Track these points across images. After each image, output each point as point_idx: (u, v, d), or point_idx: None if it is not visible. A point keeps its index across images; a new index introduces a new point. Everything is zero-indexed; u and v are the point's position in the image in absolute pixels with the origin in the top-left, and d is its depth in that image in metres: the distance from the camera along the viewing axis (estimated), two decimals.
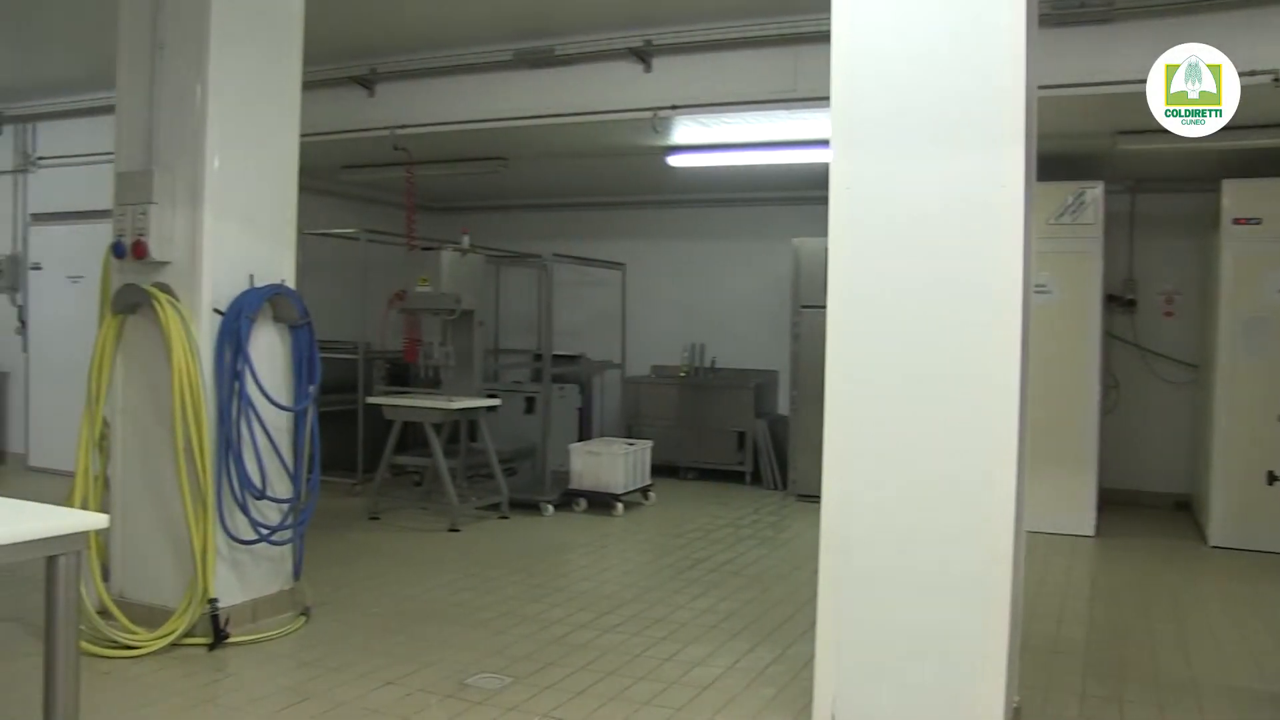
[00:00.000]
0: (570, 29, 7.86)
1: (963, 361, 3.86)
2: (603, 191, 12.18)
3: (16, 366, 10.90)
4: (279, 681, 4.79)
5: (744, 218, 11.76)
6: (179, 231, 5.30)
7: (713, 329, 11.69)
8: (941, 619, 3.89)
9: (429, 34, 8.14)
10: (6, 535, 2.59)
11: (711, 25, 7.43)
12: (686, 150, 9.22)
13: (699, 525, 8.63)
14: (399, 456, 8.92)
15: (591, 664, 5.05)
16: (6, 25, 8.46)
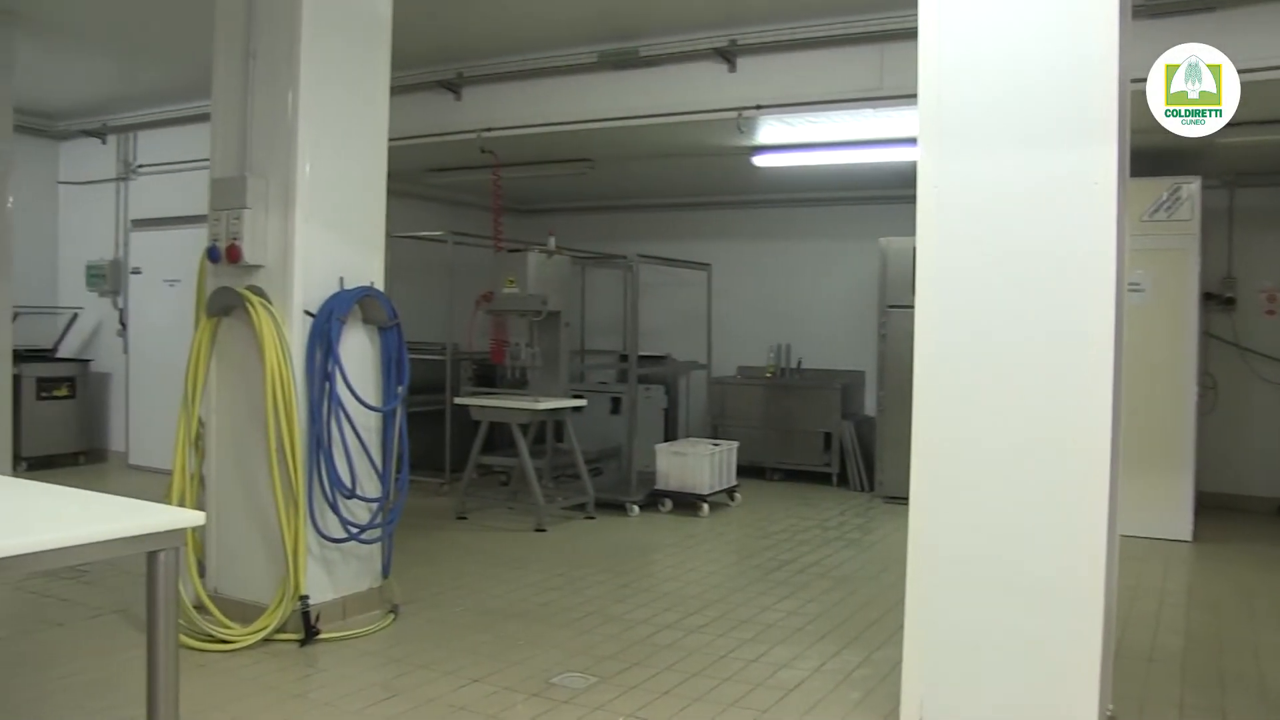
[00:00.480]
0: (654, 30, 7.87)
1: (1053, 362, 3.77)
2: (688, 192, 12.17)
3: (118, 367, 11.23)
4: (368, 678, 4.86)
5: (830, 217, 11.67)
6: (271, 236, 5.41)
7: (799, 329, 11.62)
8: (1032, 624, 3.80)
9: (514, 38, 8.21)
10: (110, 531, 2.66)
11: (796, 24, 7.39)
12: (771, 150, 9.17)
13: (785, 526, 8.57)
14: (486, 457, 9.00)
15: (677, 664, 5.05)
16: (111, 41, 8.76)
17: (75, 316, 11.56)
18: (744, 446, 9.95)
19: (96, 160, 11.56)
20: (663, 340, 11.69)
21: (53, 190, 11.85)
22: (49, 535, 2.54)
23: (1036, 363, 3.81)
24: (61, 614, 5.73)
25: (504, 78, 8.72)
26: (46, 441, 10.63)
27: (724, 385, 11.45)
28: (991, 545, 3.90)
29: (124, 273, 11.15)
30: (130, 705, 4.23)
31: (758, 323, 11.86)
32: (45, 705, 4.43)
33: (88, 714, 4.31)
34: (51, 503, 2.99)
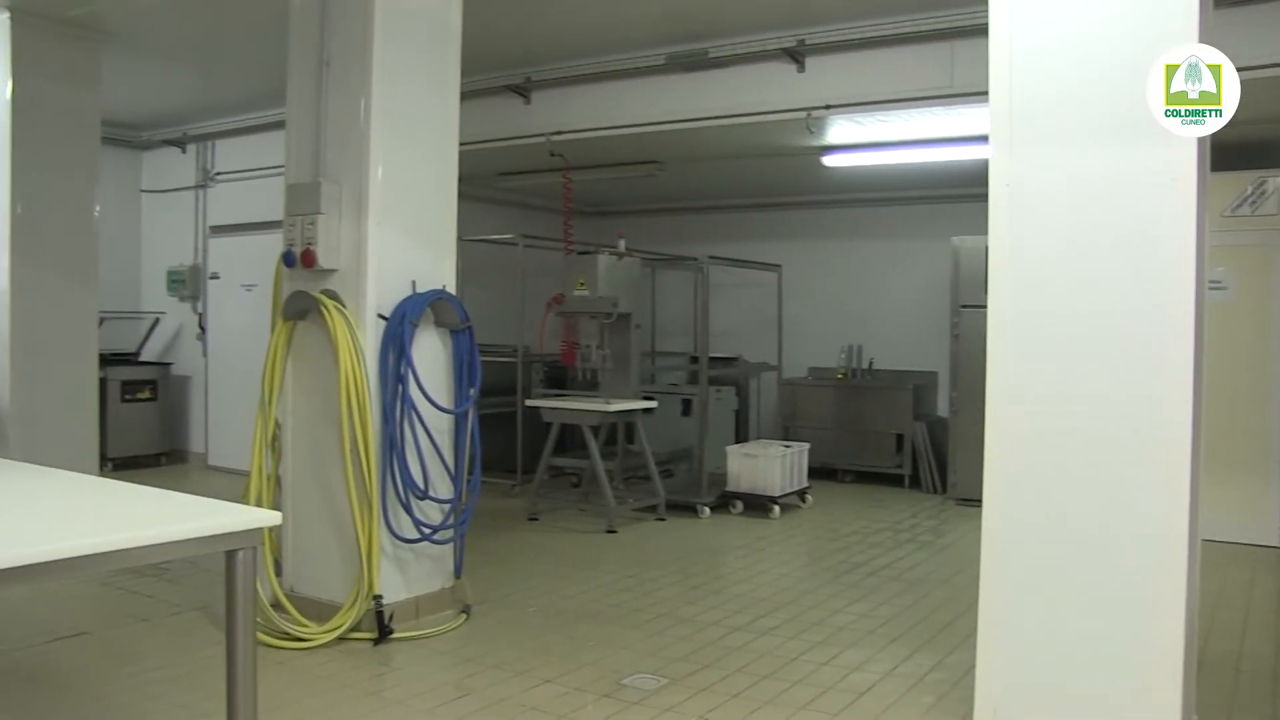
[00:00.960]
0: (723, 31, 7.86)
1: (1131, 362, 3.69)
2: (758, 193, 12.14)
3: (197, 371, 11.47)
4: (441, 677, 4.92)
5: (901, 217, 11.57)
6: (345, 240, 5.49)
7: (870, 330, 11.54)
8: (1110, 631, 3.72)
9: (583, 41, 8.25)
10: (191, 530, 2.73)
11: (865, 23, 7.33)
12: (841, 150, 9.12)
13: (857, 528, 8.52)
14: (557, 458, 9.05)
15: (748, 666, 5.04)
16: (191, 54, 8.97)
17: (157, 321, 11.84)
18: (815, 448, 9.90)
19: (177, 169, 11.84)
20: (733, 342, 11.66)
21: (136, 199, 12.16)
22: (134, 534, 2.61)
23: (1113, 362, 3.73)
24: (145, 610, 5.88)
25: (573, 81, 8.77)
26: (130, 443, 10.90)
27: (795, 386, 11.40)
28: (1068, 549, 3.83)
29: (203, 278, 11.40)
30: (211, 700, 4.33)
31: (829, 323, 11.79)
32: (132, 697, 4.55)
33: (172, 707, 4.41)
34: (136, 502, 3.07)
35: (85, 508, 3.05)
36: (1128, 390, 3.69)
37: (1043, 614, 3.88)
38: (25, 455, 6.76)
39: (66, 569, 2.43)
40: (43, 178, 8.03)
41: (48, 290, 7.92)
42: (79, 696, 4.59)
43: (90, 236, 8.38)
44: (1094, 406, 3.76)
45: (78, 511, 3.00)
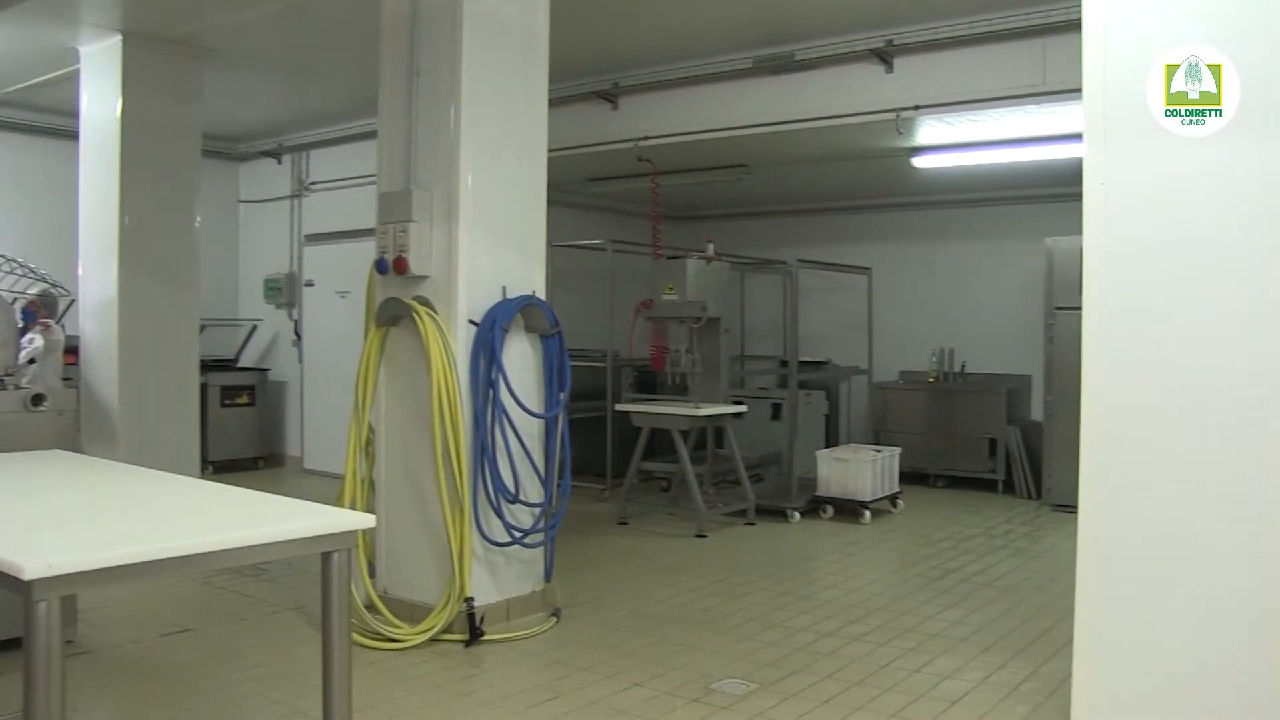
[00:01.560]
0: (810, 33, 7.83)
1: (1241, 364, 3.54)
2: (847, 195, 12.05)
3: (293, 376, 11.73)
4: (531, 679, 4.96)
5: (993, 217, 11.40)
6: (436, 247, 5.57)
7: (962, 333, 11.38)
8: (1219, 648, 3.56)
9: (669, 46, 8.27)
10: (289, 532, 2.80)
11: (955, 21, 7.23)
12: (931, 150, 9.02)
13: (949, 534, 8.40)
14: (647, 462, 9.07)
15: (838, 673, 5.00)
16: (286, 68, 9.20)
17: (254, 328, 12.14)
18: (906, 452, 9.80)
19: (273, 179, 12.14)
20: (823, 345, 11.59)
21: (234, 209, 12.49)
22: (237, 534, 2.69)
23: (1220, 365, 3.57)
24: (244, 609, 6.03)
25: (660, 86, 8.79)
26: (229, 446, 11.19)
27: (886, 390, 11.29)
28: (1169, 559, 3.70)
29: (298, 285, 11.65)
30: (307, 697, 4.44)
31: (920, 326, 11.66)
32: (233, 693, 4.67)
33: (270, 703, 4.52)
34: (237, 505, 3.15)
35: (190, 509, 3.14)
36: (1238, 393, 3.55)
37: (1144, 624, 3.76)
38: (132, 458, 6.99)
39: (175, 567, 2.52)
40: (148, 190, 8.32)
41: (152, 298, 8.19)
42: (184, 690, 4.72)
43: (192, 246, 8.64)
44: (1200, 410, 3.62)
45: (183, 513, 3.10)
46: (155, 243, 8.28)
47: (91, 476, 3.85)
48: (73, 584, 2.28)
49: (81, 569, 2.29)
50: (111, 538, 2.70)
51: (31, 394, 5.33)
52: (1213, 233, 3.62)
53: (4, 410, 5.21)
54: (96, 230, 8.43)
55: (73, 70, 8.68)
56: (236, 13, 7.45)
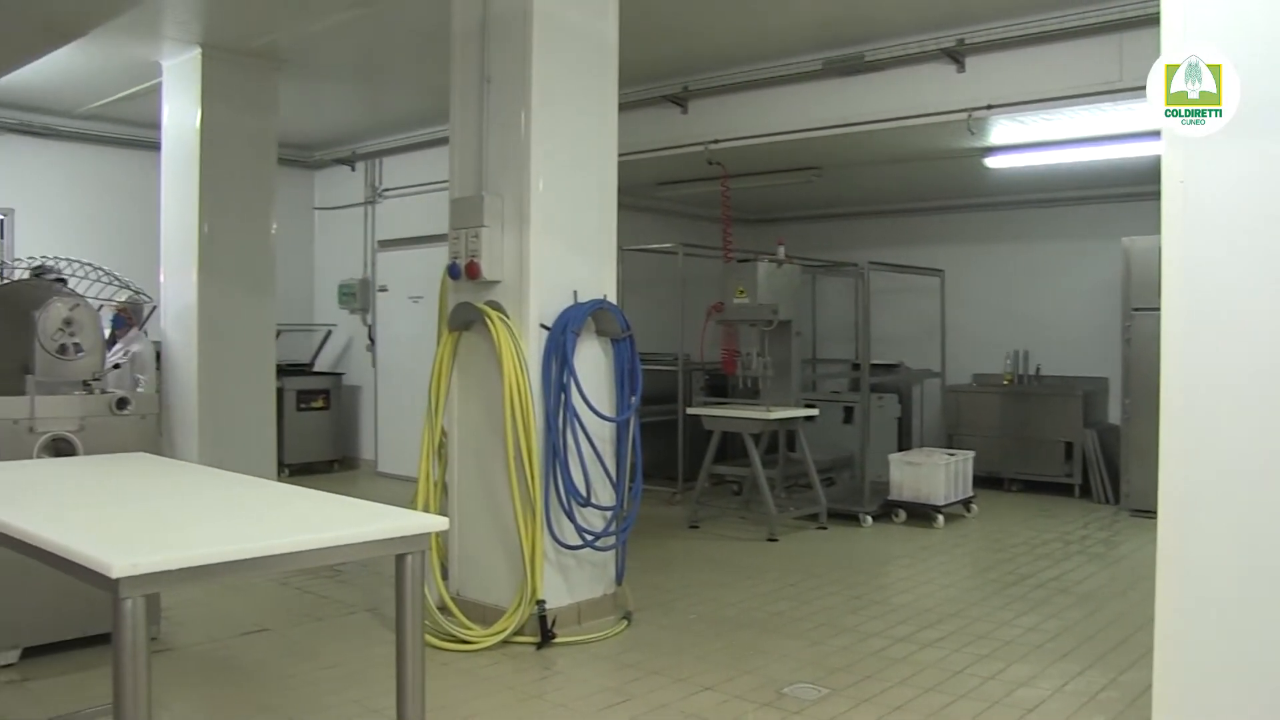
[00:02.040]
0: (880, 34, 7.78)
1: None
2: (919, 196, 11.94)
3: (367, 380, 11.89)
4: (602, 682, 4.98)
5: (1069, 217, 11.22)
6: (508, 252, 5.62)
7: (1037, 335, 11.21)
8: None
9: (739, 50, 8.27)
10: (365, 534, 2.84)
11: (1028, 19, 7.15)
12: (1004, 150, 8.90)
13: (1024, 539, 8.28)
14: (718, 466, 9.06)
15: (910, 679, 4.95)
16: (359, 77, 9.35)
17: (329, 333, 12.34)
18: (980, 456, 9.68)
19: (346, 186, 12.33)
20: (895, 348, 11.49)
21: (309, 215, 12.71)
22: (313, 536, 2.73)
23: None
24: (320, 609, 6.12)
25: (729, 89, 8.80)
26: (305, 450, 11.38)
27: (959, 393, 11.16)
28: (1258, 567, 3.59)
29: (372, 291, 11.81)
30: (382, 697, 4.50)
31: (993, 329, 11.51)
32: (310, 691, 4.75)
33: (345, 702, 4.59)
34: (313, 507, 3.20)
35: (268, 511, 3.20)
36: None
37: (1230, 634, 3.65)
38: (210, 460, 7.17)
39: (255, 567, 2.57)
40: (226, 198, 8.51)
41: (230, 304, 8.37)
42: (263, 687, 4.82)
43: (268, 252, 8.82)
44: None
45: (262, 514, 3.15)
46: (233, 250, 8.47)
47: (173, 479, 3.94)
48: (156, 583, 2.33)
49: (165, 568, 2.34)
50: (193, 538, 2.76)
51: (116, 398, 5.47)
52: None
53: (91, 414, 5.37)
54: (177, 238, 8.65)
55: (155, 84, 8.91)
56: (311, 24, 7.59)
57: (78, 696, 4.57)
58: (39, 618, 5.06)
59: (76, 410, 5.33)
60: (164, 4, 7.06)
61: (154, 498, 3.49)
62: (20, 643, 5.05)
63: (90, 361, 5.51)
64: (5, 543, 2.80)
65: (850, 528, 8.70)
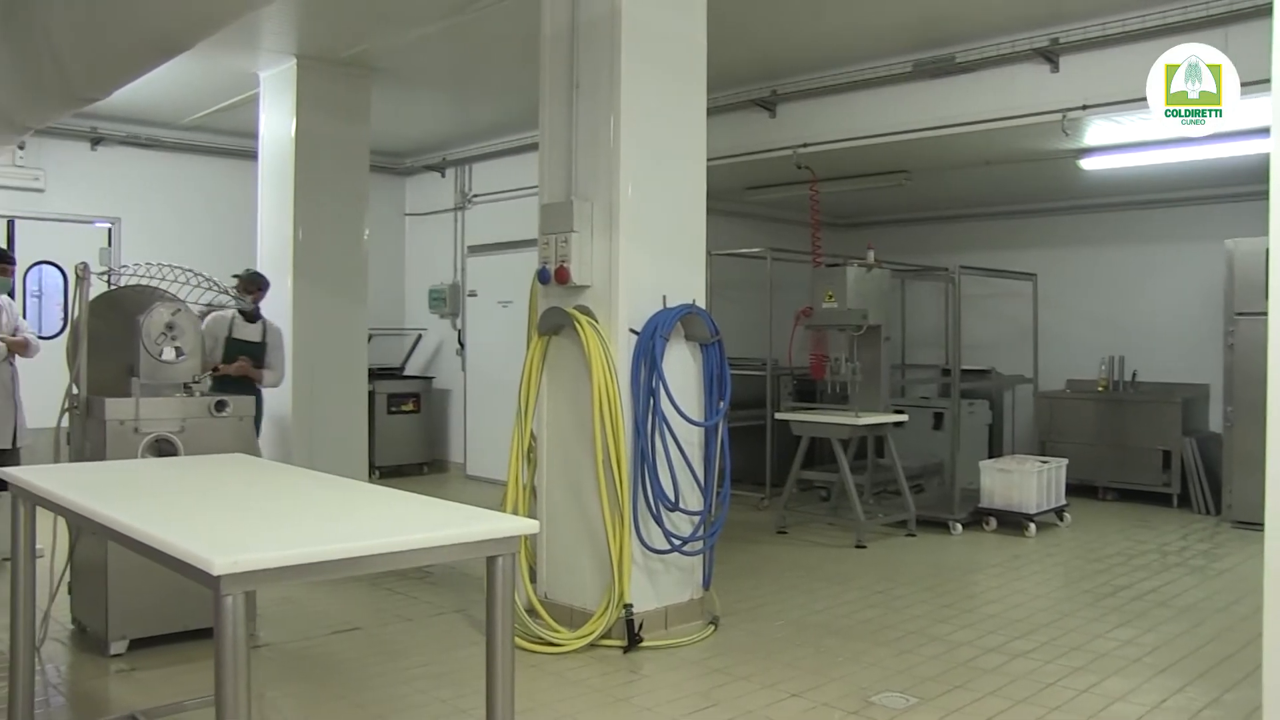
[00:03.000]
0: (970, 35, 7.68)
1: None
2: (1011, 199, 11.74)
3: (456, 384, 12.03)
4: (688, 686, 4.98)
5: (1167, 219, 10.94)
6: (597, 257, 5.65)
7: (1133, 340, 10.94)
8: None
9: (827, 53, 8.22)
10: (457, 536, 2.87)
11: (1126, 15, 6.98)
12: (1100, 151, 8.71)
13: (1120, 550, 8.08)
14: (806, 471, 9.01)
15: (1001, 689, 4.87)
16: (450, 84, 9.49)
17: (419, 337, 12.52)
18: (1074, 464, 9.49)
19: (436, 192, 12.50)
20: (986, 353, 11.31)
21: (400, 221, 12.91)
22: (407, 537, 2.78)
23: None
24: (409, 610, 6.21)
25: (818, 93, 8.74)
26: (395, 452, 11.56)
27: (1052, 399, 10.95)
28: None
29: (461, 295, 11.95)
30: (470, 697, 4.56)
31: (1088, 334, 11.27)
32: (400, 690, 4.82)
33: (435, 702, 4.65)
34: (406, 509, 3.25)
35: (362, 512, 3.25)
36: None
37: None
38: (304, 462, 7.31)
39: (350, 567, 2.63)
40: (320, 205, 8.69)
41: (324, 309, 8.53)
42: (354, 685, 4.90)
43: (360, 258, 8.98)
44: None
45: (355, 515, 3.21)
46: (327, 256, 8.64)
47: (269, 479, 4.03)
48: (256, 580, 2.39)
49: (264, 566, 2.40)
50: (291, 538, 2.83)
51: (215, 400, 5.61)
52: None
53: (191, 415, 5.52)
54: (272, 245, 8.85)
55: (252, 94, 9.14)
56: (403, 33, 7.71)
57: (181, 687, 4.70)
58: (145, 611, 5.25)
59: (178, 412, 5.50)
60: (262, 16, 7.23)
61: (252, 498, 3.58)
62: (128, 634, 5.25)
63: (191, 364, 5.67)
64: (117, 539, 2.89)
65: (940, 535, 8.58)
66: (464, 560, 2.95)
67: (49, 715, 4.49)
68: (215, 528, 2.94)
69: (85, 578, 5.45)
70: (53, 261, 10.32)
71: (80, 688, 4.99)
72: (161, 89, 8.90)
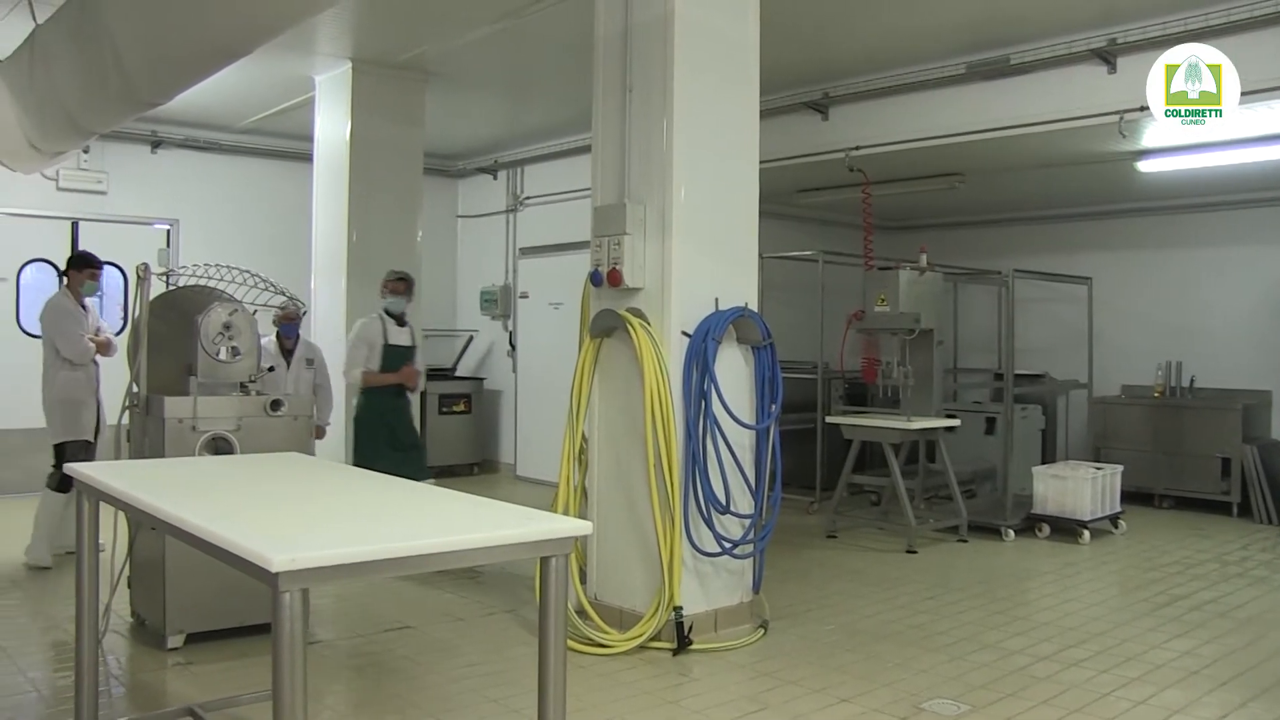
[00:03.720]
0: (1026, 36, 7.61)
1: None
2: (1066, 202, 11.61)
3: (507, 386, 12.09)
4: (738, 689, 4.97)
5: (1227, 222, 10.76)
6: (649, 259, 5.66)
7: (1191, 345, 10.77)
8: None
9: (880, 55, 8.19)
10: (512, 536, 2.89)
11: (1188, 14, 6.88)
12: (1159, 153, 8.59)
13: (1177, 559, 7.96)
14: (857, 476, 8.97)
15: (1055, 699, 4.81)
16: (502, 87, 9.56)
17: (471, 339, 12.60)
18: (1129, 471, 9.36)
19: (489, 194, 12.59)
20: (1040, 358, 11.20)
21: (452, 224, 13.01)
22: (462, 537, 2.80)
23: None
24: (460, 610, 6.26)
25: (870, 95, 8.71)
26: (447, 452, 11.63)
27: (1107, 405, 10.81)
28: None
29: (513, 297, 12.02)
30: (521, 697, 4.59)
31: (1144, 338, 11.12)
32: (450, 689, 4.86)
33: (484, 701, 4.69)
34: (459, 508, 3.27)
35: (415, 511, 3.28)
36: None
37: None
38: None
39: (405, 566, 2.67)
40: (374, 207, 8.79)
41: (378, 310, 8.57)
42: (406, 684, 4.94)
43: (414, 260, 9.06)
44: None
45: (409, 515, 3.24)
46: (380, 257, 8.71)
47: (325, 478, 4.08)
48: (313, 578, 2.42)
49: (321, 564, 2.43)
50: (347, 536, 2.86)
51: (270, 399, 5.69)
52: None
53: (247, 414, 5.59)
54: (327, 246, 8.96)
55: (308, 97, 9.25)
56: (457, 36, 7.78)
57: (236, 682, 4.78)
58: (202, 606, 5.33)
59: (234, 411, 5.58)
60: (319, 21, 7.32)
61: (308, 496, 3.62)
62: (185, 628, 5.34)
63: (247, 364, 5.75)
64: (179, 535, 2.94)
65: (991, 541, 8.50)
66: (514, 560, 2.96)
67: (110, 704, 4.57)
68: (273, 525, 2.98)
69: (144, 572, 5.55)
70: (114, 262, 10.51)
71: (139, 679, 5.07)
72: (219, 93, 9.03)
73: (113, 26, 5.38)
